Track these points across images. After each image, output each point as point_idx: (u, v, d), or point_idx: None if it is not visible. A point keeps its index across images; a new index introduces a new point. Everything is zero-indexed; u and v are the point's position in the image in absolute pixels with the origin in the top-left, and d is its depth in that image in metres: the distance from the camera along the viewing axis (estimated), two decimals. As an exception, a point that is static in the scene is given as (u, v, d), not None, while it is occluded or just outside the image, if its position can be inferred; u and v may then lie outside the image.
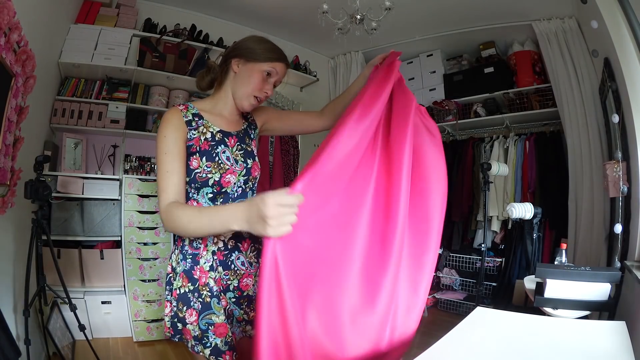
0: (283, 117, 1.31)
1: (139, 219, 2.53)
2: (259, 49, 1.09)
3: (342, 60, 3.93)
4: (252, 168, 1.14)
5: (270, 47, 1.11)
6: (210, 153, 1.05)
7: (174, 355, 2.27)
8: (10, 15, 1.51)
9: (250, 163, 1.13)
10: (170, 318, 1.04)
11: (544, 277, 1.34)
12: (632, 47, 1.60)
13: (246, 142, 1.16)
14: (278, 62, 1.10)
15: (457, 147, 3.29)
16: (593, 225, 2.31)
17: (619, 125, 1.76)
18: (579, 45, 2.47)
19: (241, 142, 1.14)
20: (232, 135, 1.12)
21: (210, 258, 1.04)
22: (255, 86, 1.08)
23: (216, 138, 1.07)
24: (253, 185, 1.17)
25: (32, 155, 1.88)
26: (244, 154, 1.13)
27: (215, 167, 1.05)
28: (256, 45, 1.10)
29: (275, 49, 1.12)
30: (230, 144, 1.10)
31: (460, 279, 3.27)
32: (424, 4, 2.88)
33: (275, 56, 1.10)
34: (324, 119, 1.32)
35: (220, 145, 1.07)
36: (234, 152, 1.10)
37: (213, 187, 1.05)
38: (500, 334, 0.93)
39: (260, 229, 0.71)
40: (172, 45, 2.82)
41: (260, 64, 1.08)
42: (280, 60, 1.11)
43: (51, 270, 1.90)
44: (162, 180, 0.95)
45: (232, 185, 1.09)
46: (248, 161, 1.13)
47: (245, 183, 1.13)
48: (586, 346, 0.85)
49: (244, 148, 1.14)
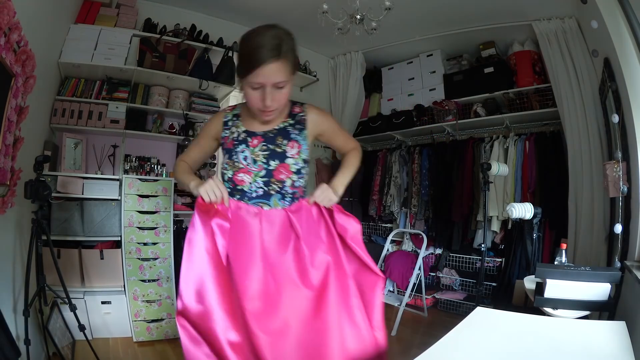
0: (332, 138, 1.31)
1: (138, 219, 2.53)
2: (240, 61, 1.07)
3: (342, 60, 3.93)
4: (274, 170, 1.11)
5: (247, 52, 1.03)
6: (231, 151, 1.15)
7: (174, 355, 2.27)
8: (10, 15, 1.51)
9: (274, 165, 1.12)
10: None
11: (544, 277, 1.34)
12: (632, 47, 1.60)
13: (277, 142, 1.14)
14: (256, 68, 1.00)
15: (457, 147, 3.29)
16: (593, 225, 2.31)
17: (619, 125, 1.76)
18: (579, 45, 2.47)
19: (269, 142, 1.14)
20: (257, 135, 1.14)
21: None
22: (252, 103, 1.08)
23: (240, 138, 1.15)
24: (282, 189, 1.13)
25: (32, 155, 1.88)
26: (269, 154, 1.12)
27: (231, 164, 1.13)
28: (239, 56, 1.08)
29: (251, 51, 1.01)
30: (252, 144, 1.13)
31: (460, 279, 3.27)
32: (424, 4, 2.88)
33: (251, 65, 1.01)
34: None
35: (241, 145, 1.14)
36: (255, 152, 1.13)
37: (228, 182, 1.14)
38: (500, 334, 0.93)
39: (198, 190, 1.09)
40: (172, 45, 2.82)
41: (244, 80, 1.05)
42: (257, 65, 0.99)
43: (51, 270, 1.90)
44: (190, 146, 1.35)
45: (249, 185, 1.12)
46: (271, 162, 1.12)
47: (267, 185, 1.12)
48: (586, 346, 0.85)
49: (272, 149, 1.13)
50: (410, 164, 3.57)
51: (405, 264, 3.26)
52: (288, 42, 1.04)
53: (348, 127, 3.94)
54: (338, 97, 3.97)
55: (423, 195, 3.41)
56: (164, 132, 2.93)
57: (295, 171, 1.14)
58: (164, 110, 2.90)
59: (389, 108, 3.89)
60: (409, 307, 3.10)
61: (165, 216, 2.61)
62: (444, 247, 3.38)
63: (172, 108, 2.92)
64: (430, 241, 3.36)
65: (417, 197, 3.45)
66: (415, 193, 3.47)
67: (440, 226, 3.33)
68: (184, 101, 2.98)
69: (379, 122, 3.88)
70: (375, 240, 3.89)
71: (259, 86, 1.03)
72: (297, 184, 1.16)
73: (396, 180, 3.62)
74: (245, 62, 1.03)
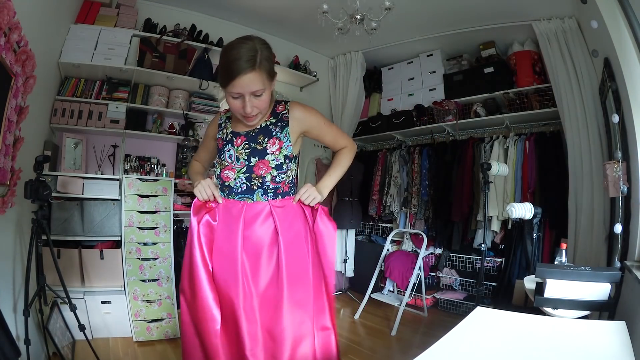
0: (321, 135, 1.34)
1: (138, 219, 2.53)
2: (220, 73, 1.14)
3: (342, 60, 3.93)
4: (254, 166, 1.18)
5: (225, 64, 1.10)
6: (220, 151, 1.25)
7: (174, 355, 2.27)
8: (10, 15, 1.51)
9: (254, 161, 1.19)
10: None
11: (544, 277, 1.34)
12: (632, 47, 1.60)
13: (258, 141, 1.21)
14: (234, 79, 1.08)
15: (457, 147, 3.29)
16: (593, 225, 2.31)
17: (619, 125, 1.75)
18: (579, 45, 2.47)
19: (251, 141, 1.22)
20: (240, 135, 1.24)
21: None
22: (234, 110, 1.17)
23: (227, 138, 1.25)
24: (263, 185, 1.20)
25: (32, 155, 1.88)
26: (250, 152, 1.20)
27: (220, 163, 1.24)
28: (219, 68, 1.16)
29: (228, 64, 1.08)
30: (236, 143, 1.23)
31: (460, 279, 3.27)
32: (424, 4, 2.88)
33: (228, 76, 1.09)
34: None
35: (228, 145, 1.24)
36: (239, 150, 1.22)
37: (218, 179, 1.25)
38: (500, 334, 0.93)
39: (195, 188, 1.24)
40: (172, 45, 2.82)
41: (225, 90, 1.13)
42: (234, 76, 1.07)
43: (51, 270, 1.90)
44: (198, 149, 1.49)
45: (233, 181, 1.21)
46: (252, 159, 1.20)
47: (249, 180, 1.20)
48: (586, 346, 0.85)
49: (253, 147, 1.21)
50: (410, 164, 3.57)
51: (405, 264, 3.26)
52: (263, 52, 1.11)
53: (348, 127, 3.94)
54: (338, 97, 3.97)
55: (423, 195, 3.41)
56: (164, 132, 2.93)
57: (275, 167, 1.20)
58: (164, 110, 2.90)
59: (389, 108, 3.89)
60: (409, 307, 3.10)
61: (165, 216, 2.61)
62: (444, 247, 3.38)
63: (172, 108, 2.92)
64: (430, 241, 3.36)
65: (417, 197, 3.46)
66: (415, 193, 3.48)
67: (440, 226, 3.33)
68: (184, 101, 2.98)
69: (379, 122, 3.89)
70: (375, 240, 3.89)
71: (238, 95, 1.12)
72: (278, 179, 1.21)
73: (396, 180, 3.62)
74: (224, 74, 1.11)
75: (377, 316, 3.14)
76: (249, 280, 1.17)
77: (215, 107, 3.10)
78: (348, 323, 3.03)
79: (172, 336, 2.49)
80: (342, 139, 1.37)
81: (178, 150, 3.11)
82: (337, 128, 1.38)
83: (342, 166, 1.34)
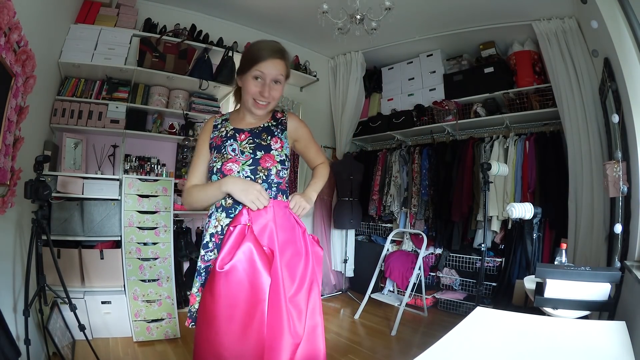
0: (307, 147, 1.41)
1: (138, 219, 2.53)
2: (244, 60, 1.24)
3: (342, 60, 3.93)
4: (260, 159, 1.23)
5: (253, 51, 1.21)
6: (220, 147, 1.25)
7: (174, 355, 2.27)
8: (10, 15, 1.51)
9: (260, 155, 1.24)
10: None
11: (544, 277, 1.34)
12: (632, 47, 1.60)
13: (262, 137, 1.27)
14: (261, 62, 1.18)
15: (457, 147, 3.29)
16: (593, 225, 2.31)
17: (619, 125, 1.75)
18: (579, 45, 2.47)
19: (255, 137, 1.26)
20: (244, 131, 1.27)
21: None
22: (250, 93, 1.21)
23: (228, 134, 1.27)
24: (268, 178, 1.23)
25: (32, 155, 1.88)
26: (255, 146, 1.25)
27: (220, 157, 1.23)
28: (243, 57, 1.26)
29: (257, 50, 1.20)
30: (240, 138, 1.26)
31: (460, 279, 3.27)
32: (424, 4, 2.88)
33: (255, 59, 1.19)
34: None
35: (229, 140, 1.25)
36: (243, 144, 1.24)
37: (217, 174, 1.22)
38: (500, 334, 0.93)
39: (244, 197, 1.14)
40: (172, 45, 2.82)
41: (248, 72, 1.21)
42: (262, 59, 1.18)
43: (51, 270, 1.90)
44: (191, 168, 1.31)
45: (237, 174, 1.22)
46: (257, 153, 1.24)
47: (254, 173, 1.22)
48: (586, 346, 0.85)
49: (257, 142, 1.25)
50: (410, 164, 3.57)
51: (405, 264, 3.26)
52: (287, 53, 1.26)
53: (348, 127, 3.94)
54: (338, 97, 3.98)
55: (423, 195, 3.41)
56: (164, 132, 2.93)
57: (280, 161, 1.25)
58: (164, 110, 2.91)
59: (389, 108, 3.89)
60: (409, 307, 3.10)
61: (165, 216, 2.61)
62: (444, 247, 3.38)
63: (172, 108, 2.92)
64: (430, 241, 3.36)
65: (417, 197, 3.46)
66: (415, 193, 3.48)
67: (440, 226, 3.33)
68: (184, 101, 2.98)
69: (379, 122, 3.89)
70: (375, 240, 3.89)
71: (261, 75, 1.19)
72: (281, 174, 1.25)
73: (396, 180, 3.62)
74: (250, 58, 1.20)
75: (377, 316, 3.14)
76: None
77: (215, 107, 3.11)
78: (348, 323, 3.03)
79: (172, 336, 2.49)
80: (321, 156, 1.46)
81: (178, 150, 3.11)
82: (318, 145, 1.47)
83: (324, 177, 1.42)
